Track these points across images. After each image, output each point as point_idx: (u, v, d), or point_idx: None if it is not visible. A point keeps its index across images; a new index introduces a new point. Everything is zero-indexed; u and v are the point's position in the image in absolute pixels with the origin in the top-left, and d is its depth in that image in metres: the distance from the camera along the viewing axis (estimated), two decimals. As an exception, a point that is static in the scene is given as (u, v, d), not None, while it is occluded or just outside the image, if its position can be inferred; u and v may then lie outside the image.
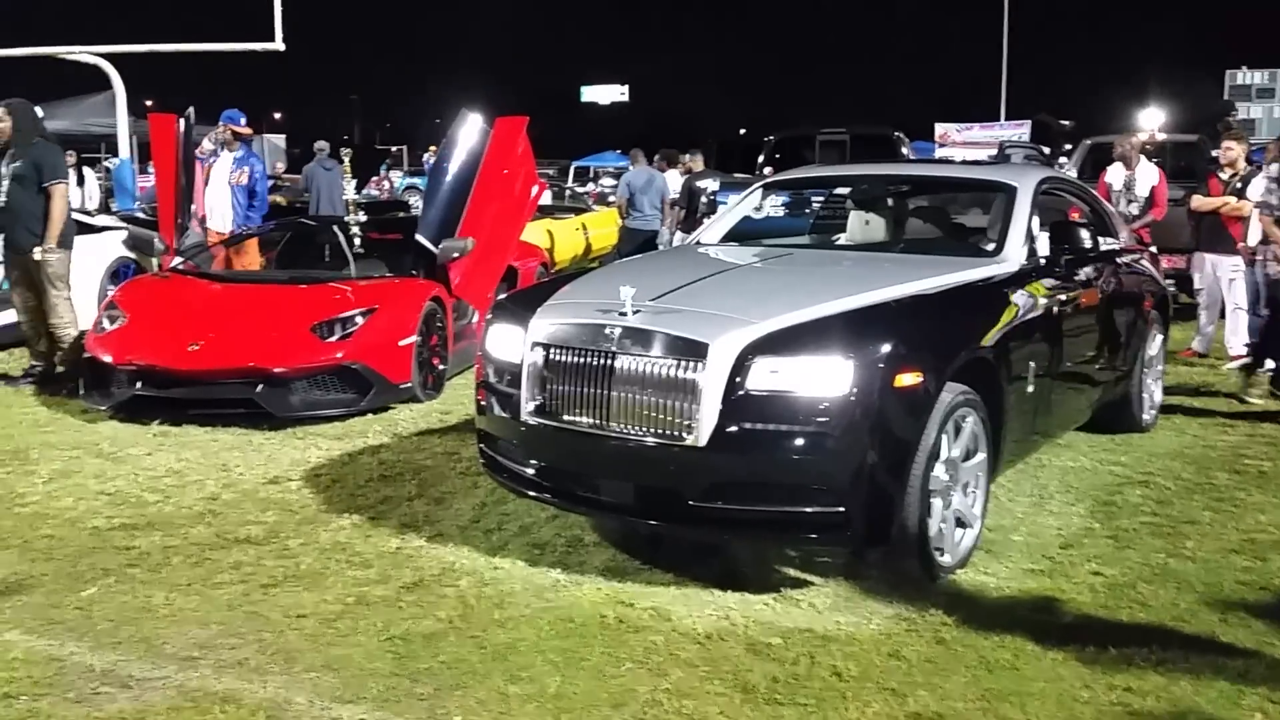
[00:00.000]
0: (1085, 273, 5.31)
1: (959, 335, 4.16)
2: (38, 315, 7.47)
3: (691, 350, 3.83)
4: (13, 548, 4.46)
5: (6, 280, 8.09)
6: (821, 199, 7.24)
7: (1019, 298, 4.57)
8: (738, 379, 3.76)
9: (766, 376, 3.75)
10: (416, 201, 14.58)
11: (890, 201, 6.03)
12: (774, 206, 7.33)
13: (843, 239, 5.98)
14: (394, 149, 44.79)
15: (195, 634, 3.65)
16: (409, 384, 6.89)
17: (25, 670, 3.38)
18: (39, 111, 7.89)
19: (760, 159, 16.36)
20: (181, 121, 8.34)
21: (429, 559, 4.33)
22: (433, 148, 33.27)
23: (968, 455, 4.14)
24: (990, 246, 4.99)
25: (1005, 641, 3.56)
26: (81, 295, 7.75)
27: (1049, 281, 4.88)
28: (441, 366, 7.37)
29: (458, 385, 7.47)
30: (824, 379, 3.68)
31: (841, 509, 3.71)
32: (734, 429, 3.74)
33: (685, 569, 4.15)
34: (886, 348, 3.76)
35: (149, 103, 16.88)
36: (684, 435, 3.80)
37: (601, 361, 3.98)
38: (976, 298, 4.45)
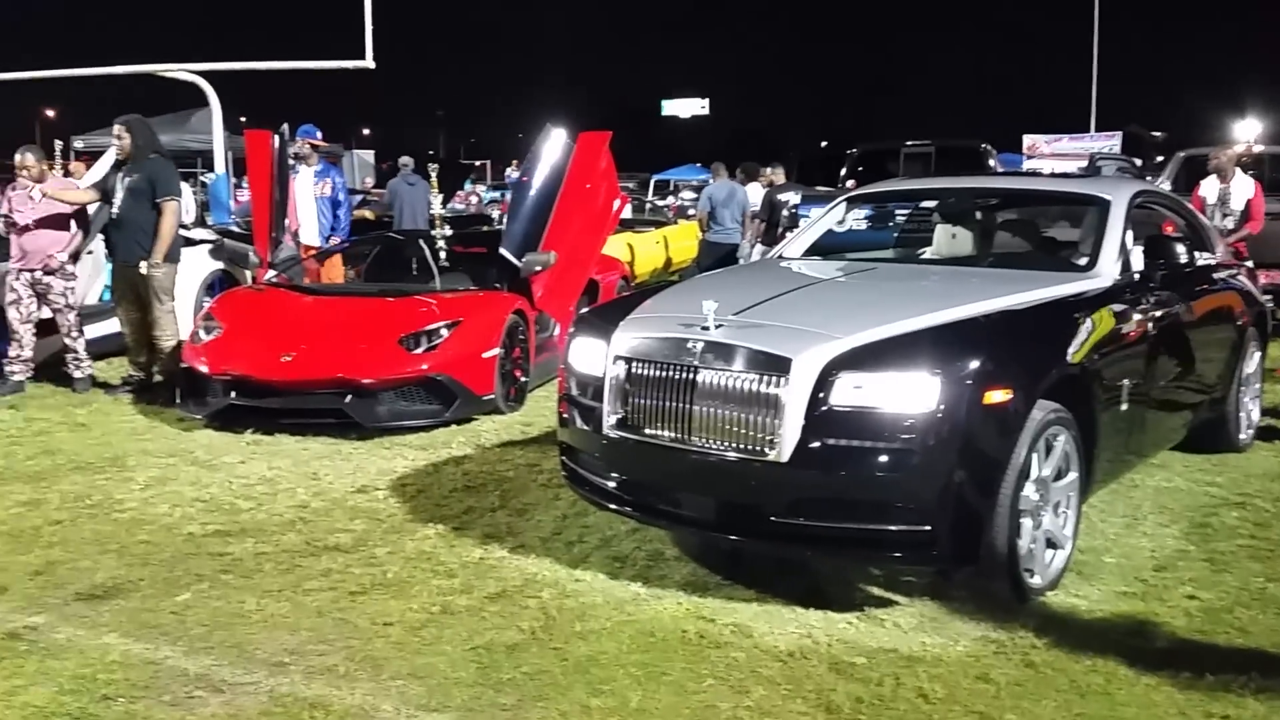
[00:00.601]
0: (1180, 288, 5.16)
1: (1050, 352, 4.07)
2: (141, 327, 7.71)
3: (774, 365, 3.81)
4: (111, 552, 4.60)
5: (108, 291, 8.39)
6: (906, 212, 7.16)
7: (1112, 314, 4.47)
8: (821, 394, 3.73)
9: (850, 392, 3.71)
10: (499, 215, 14.77)
11: (978, 215, 5.93)
12: (856, 220, 7.27)
13: (928, 253, 5.90)
14: (478, 163, 45.43)
15: (285, 640, 3.73)
16: (492, 396, 6.97)
17: (123, 672, 3.48)
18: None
19: (843, 172, 16.24)
20: (276, 137, 8.57)
21: (511, 570, 4.37)
22: (515, 162, 33.69)
23: (1059, 474, 4.05)
24: (1083, 261, 4.89)
25: (1097, 666, 3.48)
26: (179, 306, 8.00)
27: (1143, 297, 4.76)
28: (524, 379, 7.44)
29: (539, 397, 7.54)
30: (910, 395, 3.63)
31: (927, 528, 3.65)
32: (817, 445, 3.71)
33: (766, 585, 4.12)
34: (975, 364, 3.70)
35: (243, 119, 17.35)
36: (766, 450, 3.78)
37: (683, 375, 3.98)
38: (1068, 313, 4.35)
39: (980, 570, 3.82)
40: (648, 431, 4.08)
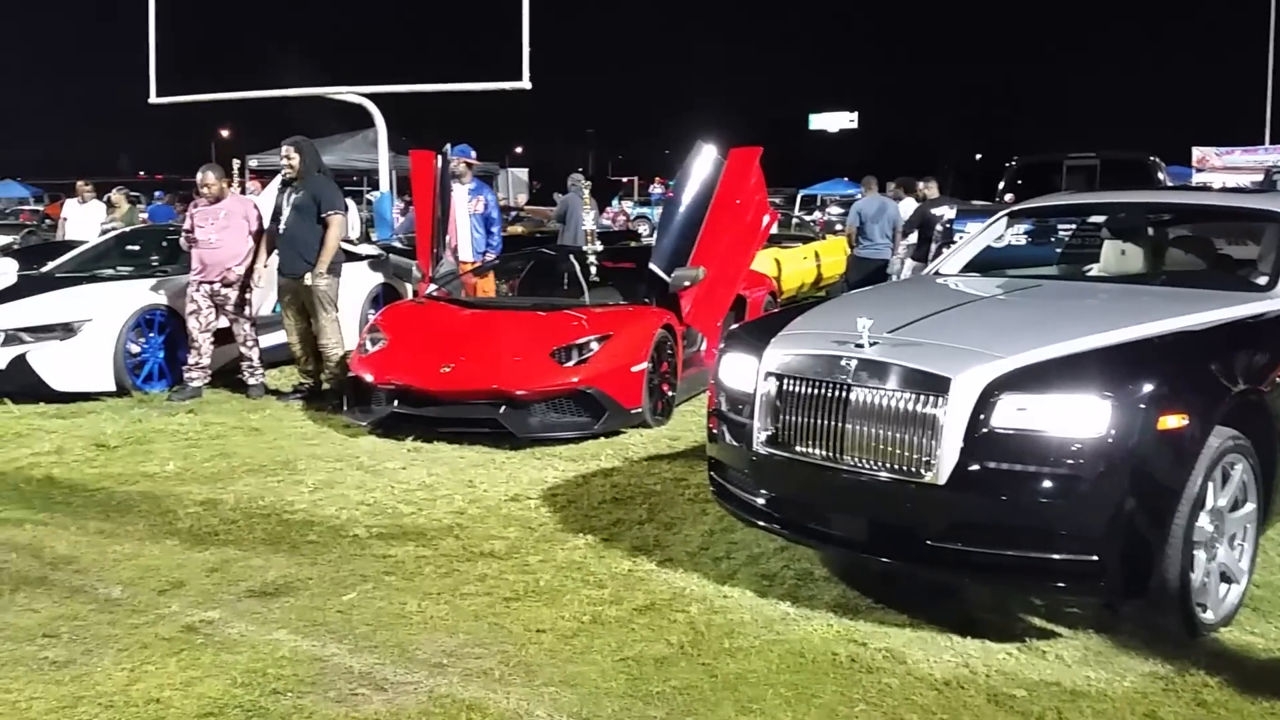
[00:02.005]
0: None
1: (1229, 376, 3.87)
2: (307, 337, 8.10)
3: (932, 384, 3.73)
4: (282, 552, 4.83)
5: (279, 304, 8.82)
6: (1070, 228, 6.91)
7: (1296, 336, 4.22)
8: (981, 416, 3.64)
9: (1013, 414, 3.60)
10: (646, 231, 14.93)
11: (1149, 230, 5.68)
12: (1015, 235, 7.05)
13: (1095, 270, 5.68)
14: (625, 180, 46.00)
15: (444, 642, 3.84)
16: (640, 409, 7.04)
17: (291, 668, 3.64)
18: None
19: (1001, 185, 15.78)
20: (439, 158, 8.88)
21: (660, 583, 4.40)
22: (658, 179, 34.01)
23: (1235, 505, 3.85)
24: (1262, 280, 4.64)
25: (1275, 708, 3.29)
26: (345, 318, 8.36)
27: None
28: (671, 393, 7.49)
29: (686, 412, 7.57)
30: (1078, 419, 3.50)
31: (1094, 557, 3.51)
32: (977, 468, 3.62)
33: (920, 611, 4.04)
34: (1149, 387, 3.54)
35: (403, 138, 17.99)
36: (922, 472, 3.70)
37: (836, 393, 3.94)
38: (1248, 335, 4.13)
39: (1150, 603, 3.65)
40: (798, 449, 4.05)
